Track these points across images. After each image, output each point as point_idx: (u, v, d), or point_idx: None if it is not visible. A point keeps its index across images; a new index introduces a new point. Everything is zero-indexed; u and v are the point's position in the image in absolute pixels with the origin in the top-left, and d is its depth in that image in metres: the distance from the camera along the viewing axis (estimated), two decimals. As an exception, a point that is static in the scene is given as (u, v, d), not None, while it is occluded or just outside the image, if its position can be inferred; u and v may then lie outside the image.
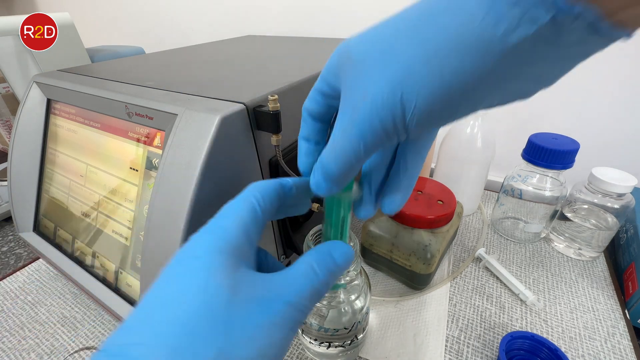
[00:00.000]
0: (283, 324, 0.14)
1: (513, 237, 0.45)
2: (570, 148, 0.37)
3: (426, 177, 0.43)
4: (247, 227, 0.16)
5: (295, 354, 0.32)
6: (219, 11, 0.75)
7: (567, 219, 0.42)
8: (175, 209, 0.23)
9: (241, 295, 0.14)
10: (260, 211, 0.17)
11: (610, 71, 0.47)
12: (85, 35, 0.74)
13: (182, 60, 0.43)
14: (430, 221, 0.35)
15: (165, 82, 0.32)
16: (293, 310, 0.14)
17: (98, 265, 0.32)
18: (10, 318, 0.37)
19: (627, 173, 0.38)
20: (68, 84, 0.33)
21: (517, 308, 0.36)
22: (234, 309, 0.13)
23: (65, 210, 0.35)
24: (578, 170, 0.41)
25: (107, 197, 0.31)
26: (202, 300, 0.13)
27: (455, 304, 0.37)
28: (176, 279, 0.14)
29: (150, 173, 0.27)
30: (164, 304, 0.13)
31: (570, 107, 0.51)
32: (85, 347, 0.34)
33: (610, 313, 0.35)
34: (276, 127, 0.25)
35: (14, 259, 0.54)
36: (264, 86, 0.29)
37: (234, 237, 0.15)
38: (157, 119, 0.26)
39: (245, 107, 0.25)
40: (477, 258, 0.42)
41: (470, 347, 0.32)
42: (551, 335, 0.33)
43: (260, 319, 0.13)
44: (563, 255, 0.43)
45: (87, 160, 0.33)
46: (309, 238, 0.26)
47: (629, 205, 0.38)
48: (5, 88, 0.75)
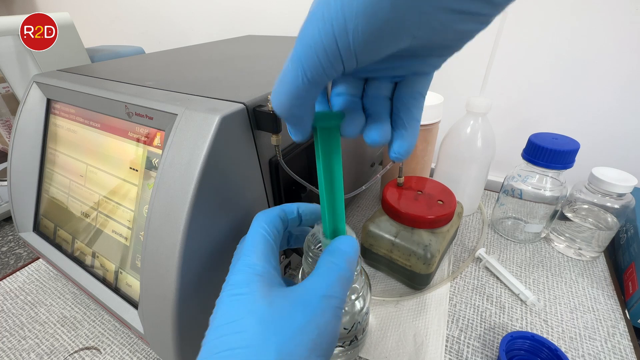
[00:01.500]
0: (324, 314, 0.17)
1: (513, 237, 0.45)
2: (570, 148, 0.37)
3: (426, 177, 0.43)
4: (267, 256, 0.20)
5: (295, 354, 0.32)
6: (219, 11, 0.75)
7: (567, 219, 0.42)
8: (175, 209, 0.23)
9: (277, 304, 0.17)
10: (271, 240, 0.21)
11: (610, 71, 0.47)
12: (85, 35, 0.74)
13: (182, 60, 0.43)
14: (430, 221, 0.35)
15: (165, 82, 0.32)
16: (329, 300, 0.17)
17: (98, 265, 0.32)
18: (10, 318, 0.37)
19: (627, 173, 0.38)
20: (68, 84, 0.33)
21: (517, 308, 0.36)
22: (276, 315, 0.16)
23: (65, 210, 0.35)
24: (578, 170, 0.41)
25: (107, 197, 0.31)
26: (251, 318, 0.16)
27: (455, 304, 0.37)
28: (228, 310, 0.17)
29: (150, 173, 0.27)
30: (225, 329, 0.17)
31: (571, 107, 0.51)
32: (85, 347, 0.34)
33: (610, 313, 0.35)
34: (276, 127, 0.25)
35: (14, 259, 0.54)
36: (264, 86, 0.29)
37: (259, 269, 0.19)
38: (157, 119, 0.26)
39: (245, 107, 0.25)
40: (477, 258, 0.42)
41: (470, 347, 0.32)
42: (551, 335, 0.33)
43: (303, 315, 0.16)
44: (563, 255, 0.43)
45: (87, 160, 0.33)
46: (309, 238, 0.26)
47: (629, 205, 0.38)
48: (5, 88, 0.75)
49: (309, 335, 0.16)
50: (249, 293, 0.17)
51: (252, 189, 0.28)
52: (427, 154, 0.46)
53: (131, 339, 0.34)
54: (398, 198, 0.38)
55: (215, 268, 0.26)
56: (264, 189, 0.29)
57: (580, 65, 0.48)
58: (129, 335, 0.35)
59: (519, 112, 0.55)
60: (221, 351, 0.16)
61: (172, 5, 0.80)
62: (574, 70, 0.49)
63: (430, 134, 0.44)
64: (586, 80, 0.49)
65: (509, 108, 0.55)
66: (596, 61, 0.47)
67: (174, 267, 0.22)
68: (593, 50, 0.47)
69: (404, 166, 0.45)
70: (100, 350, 0.33)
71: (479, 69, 0.44)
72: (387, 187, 0.40)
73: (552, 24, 0.47)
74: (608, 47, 0.46)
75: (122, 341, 0.34)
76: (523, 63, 0.51)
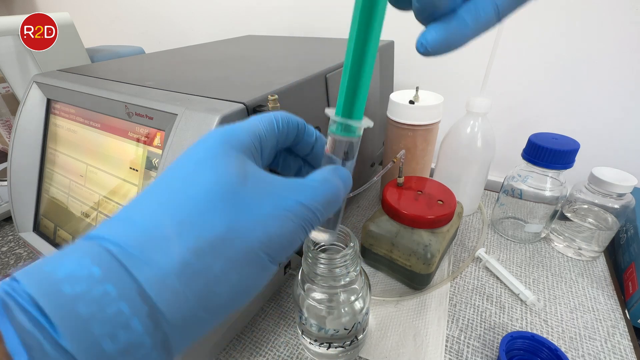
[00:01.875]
0: (295, 220, 0.14)
1: (513, 237, 0.45)
2: (570, 148, 0.37)
3: (426, 177, 0.43)
4: (260, 134, 0.17)
5: (295, 354, 0.32)
6: (219, 11, 0.75)
7: (567, 219, 0.42)
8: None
9: (250, 185, 0.14)
10: (277, 128, 0.17)
11: (610, 71, 0.47)
12: (85, 35, 0.74)
13: (182, 60, 0.43)
14: (430, 221, 0.35)
15: (165, 82, 0.32)
16: (306, 211, 0.15)
17: (98, 265, 0.32)
18: (10, 318, 0.37)
19: (627, 173, 0.38)
20: (68, 84, 0.33)
21: (517, 308, 0.36)
22: (245, 195, 0.14)
23: (65, 210, 0.35)
24: (578, 170, 0.41)
25: (107, 197, 0.31)
26: (214, 181, 0.14)
27: (455, 304, 0.37)
28: (186, 164, 0.15)
29: (150, 173, 0.27)
30: (173, 184, 0.14)
31: (571, 107, 0.51)
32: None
33: (610, 313, 0.35)
34: (276, 127, 0.25)
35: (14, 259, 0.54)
36: (264, 86, 0.29)
37: (244, 137, 0.16)
38: (157, 119, 0.26)
39: (245, 107, 0.25)
40: (477, 258, 0.42)
41: (470, 347, 0.32)
42: (551, 335, 0.33)
43: (272, 209, 0.14)
44: (563, 255, 0.43)
45: (87, 160, 0.33)
46: (309, 238, 0.26)
47: (629, 205, 0.38)
48: (5, 88, 0.75)
49: (268, 230, 0.14)
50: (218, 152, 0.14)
51: (252, 189, 0.28)
52: (427, 154, 0.46)
53: (131, 339, 0.34)
54: (398, 198, 0.38)
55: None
56: (264, 189, 0.29)
57: (581, 65, 0.48)
58: (129, 335, 0.35)
59: (519, 112, 0.55)
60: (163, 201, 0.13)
61: (172, 5, 0.80)
62: (574, 70, 0.49)
63: (430, 134, 0.44)
64: (586, 80, 0.49)
65: (509, 108, 0.55)
66: (596, 61, 0.47)
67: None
68: (593, 50, 0.47)
69: (404, 166, 0.45)
70: (100, 350, 0.33)
71: (479, 69, 0.44)
72: (387, 187, 0.40)
73: (552, 23, 0.47)
74: (608, 47, 0.46)
75: (122, 341, 0.34)
76: (523, 63, 0.51)
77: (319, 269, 0.25)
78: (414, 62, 0.59)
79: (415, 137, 0.44)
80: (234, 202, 0.13)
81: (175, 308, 0.12)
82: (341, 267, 0.25)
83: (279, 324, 0.35)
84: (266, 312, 0.36)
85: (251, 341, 0.33)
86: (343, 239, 0.28)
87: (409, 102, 0.42)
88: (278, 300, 0.38)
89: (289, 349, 0.33)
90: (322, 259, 0.25)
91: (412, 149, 0.44)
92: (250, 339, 0.34)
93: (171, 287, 0.12)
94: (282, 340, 0.34)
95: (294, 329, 0.35)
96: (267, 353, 0.32)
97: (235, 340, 0.34)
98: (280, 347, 0.33)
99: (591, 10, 0.45)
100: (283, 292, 0.39)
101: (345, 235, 0.27)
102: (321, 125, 0.36)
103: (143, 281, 0.12)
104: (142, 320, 0.11)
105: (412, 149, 0.45)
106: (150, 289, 0.12)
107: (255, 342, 0.33)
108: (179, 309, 0.12)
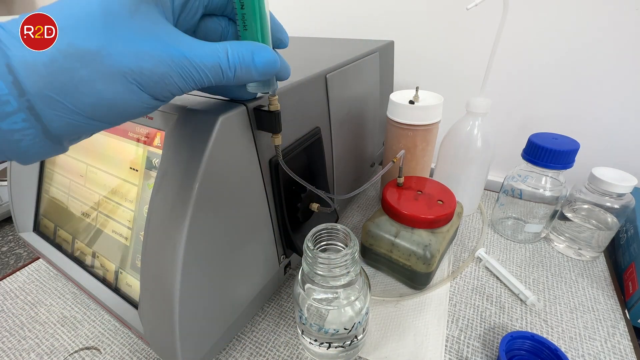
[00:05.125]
0: (173, 66, 0.16)
1: (513, 237, 0.45)
2: (570, 148, 0.37)
3: (426, 177, 0.43)
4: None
5: (295, 354, 0.32)
6: (219, 11, 0.75)
7: (567, 219, 0.42)
8: (175, 209, 0.23)
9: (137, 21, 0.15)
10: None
11: (610, 71, 0.47)
12: (85, 35, 0.74)
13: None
14: (430, 221, 0.35)
15: (165, 82, 0.32)
16: (187, 64, 0.16)
17: (98, 265, 0.32)
18: (10, 318, 0.37)
19: (627, 173, 0.38)
20: (68, 84, 0.33)
21: (517, 308, 0.36)
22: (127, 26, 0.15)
23: (65, 210, 0.35)
24: (578, 170, 0.41)
25: (107, 197, 0.31)
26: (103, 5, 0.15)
27: (455, 304, 0.37)
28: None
29: (150, 173, 0.27)
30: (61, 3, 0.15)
31: (571, 107, 0.51)
32: (85, 347, 0.34)
33: (610, 313, 0.35)
34: (276, 127, 0.25)
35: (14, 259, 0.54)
36: (264, 86, 0.29)
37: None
38: (157, 119, 0.26)
39: (246, 107, 0.25)
40: (477, 258, 0.42)
41: (470, 347, 0.32)
42: (551, 335, 0.33)
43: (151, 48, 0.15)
44: (563, 255, 0.43)
45: (87, 160, 0.33)
46: (309, 238, 0.26)
47: (629, 205, 0.38)
48: (5, 88, 0.75)
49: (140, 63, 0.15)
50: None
51: (252, 188, 0.28)
52: (427, 154, 0.46)
53: (131, 339, 0.34)
54: (398, 198, 0.38)
55: (215, 268, 0.26)
56: (264, 189, 0.29)
57: (581, 65, 0.48)
58: (129, 335, 0.35)
59: (519, 112, 0.55)
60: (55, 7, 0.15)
61: (172, 5, 0.80)
62: (574, 70, 0.49)
63: (430, 134, 0.44)
64: (586, 80, 0.49)
65: (509, 108, 0.55)
66: (596, 61, 0.47)
67: (174, 267, 0.22)
68: (593, 50, 0.47)
69: (404, 166, 0.45)
70: (100, 350, 0.33)
71: (479, 69, 0.44)
72: (387, 187, 0.40)
73: (552, 23, 0.47)
74: (608, 46, 0.46)
75: (122, 341, 0.34)
76: (523, 63, 0.51)
77: (319, 269, 0.25)
78: (414, 62, 0.59)
79: (415, 137, 0.44)
80: (114, 28, 0.15)
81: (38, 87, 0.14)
82: (341, 267, 0.25)
83: (279, 324, 0.35)
84: (266, 312, 0.36)
85: (251, 341, 0.33)
86: (343, 239, 0.28)
87: (409, 102, 0.42)
88: (278, 300, 0.38)
89: (289, 349, 0.33)
90: (322, 258, 0.25)
91: (412, 149, 0.45)
92: (250, 339, 0.34)
93: (36, 71, 0.14)
94: (282, 340, 0.34)
95: (294, 329, 0.35)
96: (267, 353, 0.32)
97: (235, 340, 0.34)
98: (281, 347, 0.33)
99: (592, 10, 0.45)
100: (283, 292, 0.39)
101: (345, 235, 0.27)
102: (321, 125, 0.36)
103: (12, 56, 0.14)
104: (7, 85, 0.14)
105: (412, 149, 0.45)
106: (18, 65, 0.14)
107: (255, 342, 0.33)
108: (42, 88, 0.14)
